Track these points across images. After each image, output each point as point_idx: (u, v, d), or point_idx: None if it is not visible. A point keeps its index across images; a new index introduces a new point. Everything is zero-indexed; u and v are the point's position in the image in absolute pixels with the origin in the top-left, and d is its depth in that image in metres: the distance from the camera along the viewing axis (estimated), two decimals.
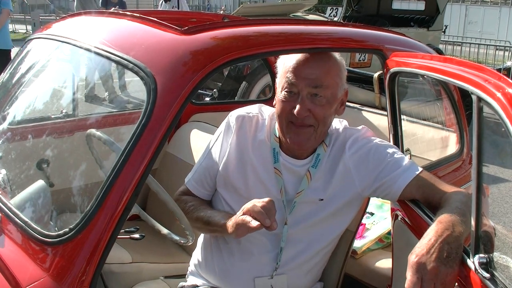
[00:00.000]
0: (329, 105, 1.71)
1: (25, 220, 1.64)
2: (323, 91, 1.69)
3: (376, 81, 3.67)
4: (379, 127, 3.25)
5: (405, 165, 1.73)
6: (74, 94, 2.77)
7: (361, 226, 2.45)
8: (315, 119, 1.70)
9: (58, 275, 1.44)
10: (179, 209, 1.76)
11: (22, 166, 2.20)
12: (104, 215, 1.45)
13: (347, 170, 1.77)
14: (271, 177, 1.78)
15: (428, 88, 2.80)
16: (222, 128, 1.87)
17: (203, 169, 1.88)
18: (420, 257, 1.30)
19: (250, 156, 1.80)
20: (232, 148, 1.81)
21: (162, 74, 1.57)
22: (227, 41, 1.74)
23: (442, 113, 2.79)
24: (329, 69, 1.73)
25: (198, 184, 1.89)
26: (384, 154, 1.76)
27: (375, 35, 2.31)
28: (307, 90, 1.68)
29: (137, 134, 1.50)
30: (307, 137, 1.72)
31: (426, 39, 9.32)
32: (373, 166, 1.75)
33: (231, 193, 1.82)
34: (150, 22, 1.87)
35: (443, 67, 1.73)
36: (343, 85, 1.78)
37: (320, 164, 1.79)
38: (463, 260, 1.35)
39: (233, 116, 1.85)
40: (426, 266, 1.29)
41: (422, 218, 1.66)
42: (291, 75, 1.70)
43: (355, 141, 1.80)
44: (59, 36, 2.17)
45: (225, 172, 1.81)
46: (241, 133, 1.82)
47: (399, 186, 1.71)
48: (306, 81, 1.68)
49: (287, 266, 1.81)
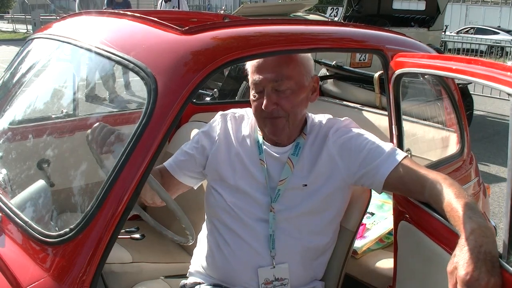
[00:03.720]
0: (294, 95, 1.82)
1: (25, 220, 1.64)
2: (285, 83, 1.80)
3: (377, 81, 3.67)
4: (379, 127, 3.25)
5: (388, 152, 1.79)
6: (74, 94, 2.78)
7: (361, 226, 2.45)
8: (284, 110, 1.81)
9: (59, 275, 1.44)
10: (180, 209, 1.76)
11: (22, 166, 2.20)
12: (104, 215, 1.45)
13: (330, 156, 1.86)
14: (257, 167, 1.89)
15: (429, 88, 2.80)
16: (208, 125, 2.03)
17: (183, 152, 2.01)
18: (472, 273, 1.27)
19: (237, 149, 1.93)
20: (219, 142, 1.95)
21: (163, 74, 1.57)
22: (228, 41, 1.74)
23: (443, 113, 2.79)
24: (288, 61, 1.83)
25: (175, 162, 2.01)
26: (366, 141, 1.85)
27: (375, 35, 2.31)
28: (270, 85, 1.80)
29: (137, 134, 1.50)
30: (281, 127, 1.84)
31: (427, 39, 9.32)
32: (356, 153, 1.83)
33: (220, 183, 1.92)
34: (150, 22, 1.87)
35: (469, 68, 1.72)
36: (309, 72, 1.88)
37: (301, 152, 1.88)
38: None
39: (219, 114, 2.05)
40: (480, 282, 1.26)
41: (433, 217, 1.65)
42: (255, 75, 1.83)
43: (338, 129, 1.90)
44: (59, 36, 2.17)
45: (214, 164, 1.93)
46: (225, 128, 1.98)
47: (383, 173, 1.76)
48: (268, 76, 1.80)
49: (286, 256, 1.85)
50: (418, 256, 1.79)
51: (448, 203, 1.52)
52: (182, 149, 2.03)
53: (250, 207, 1.86)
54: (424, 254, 1.73)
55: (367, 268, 2.51)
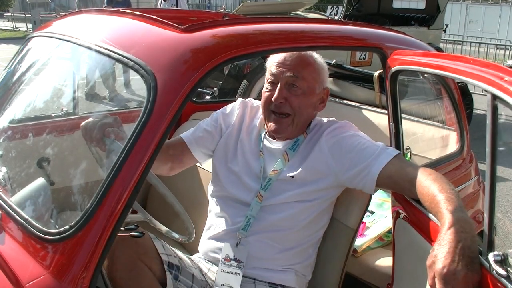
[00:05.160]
0: (304, 96, 1.93)
1: (25, 218, 1.64)
2: (299, 82, 1.91)
3: (377, 79, 3.67)
4: (379, 126, 3.25)
5: (378, 152, 1.83)
6: (74, 93, 2.77)
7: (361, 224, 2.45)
8: (291, 107, 1.92)
9: (59, 272, 1.44)
10: (179, 203, 1.77)
11: (22, 164, 2.20)
12: (104, 213, 1.45)
13: (322, 153, 1.93)
14: (255, 158, 2.01)
15: (428, 87, 2.80)
16: (229, 108, 2.17)
17: (202, 129, 2.15)
18: (449, 267, 1.28)
19: (244, 137, 2.07)
20: (233, 127, 2.10)
21: (162, 72, 1.57)
22: (227, 39, 1.74)
23: (443, 112, 2.79)
24: (308, 64, 1.95)
25: (193, 136, 2.14)
26: (357, 142, 1.90)
27: (375, 33, 2.31)
28: (285, 79, 1.91)
29: (137, 132, 1.50)
30: (285, 126, 1.94)
31: (427, 38, 9.31)
32: (346, 152, 1.88)
33: (222, 163, 2.07)
34: (150, 20, 1.87)
35: (453, 65, 1.73)
36: (322, 82, 2.00)
37: (298, 148, 1.97)
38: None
39: (240, 100, 2.19)
40: (456, 275, 1.27)
41: (426, 215, 1.66)
42: (273, 67, 1.94)
43: (334, 129, 1.98)
44: (59, 34, 2.17)
45: (224, 145, 2.08)
46: (242, 115, 2.12)
47: (373, 173, 1.80)
48: (286, 68, 1.91)
49: (254, 242, 1.92)
50: (414, 254, 1.79)
51: (432, 198, 1.54)
52: (200, 126, 2.17)
53: (237, 190, 1.99)
54: (418, 252, 1.73)
55: (367, 266, 2.51)
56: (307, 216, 1.93)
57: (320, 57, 2.03)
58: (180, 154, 2.12)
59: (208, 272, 2.00)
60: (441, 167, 2.35)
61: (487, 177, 1.37)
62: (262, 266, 1.93)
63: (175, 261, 1.86)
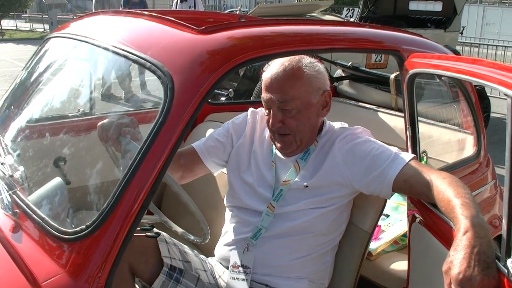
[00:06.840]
0: (300, 114, 1.88)
1: (42, 217, 1.65)
2: (290, 103, 1.86)
3: (393, 82, 3.64)
4: (395, 129, 3.24)
5: (393, 157, 1.81)
6: (91, 93, 2.79)
7: (376, 228, 2.44)
8: (289, 129, 1.89)
9: (75, 271, 1.45)
10: (193, 203, 1.78)
11: (39, 163, 2.22)
12: (120, 213, 1.45)
13: (335, 162, 1.90)
14: (268, 168, 2.01)
15: (445, 89, 2.78)
16: (240, 118, 2.16)
17: (214, 138, 2.14)
18: (464, 273, 1.26)
19: (256, 148, 2.06)
20: (245, 137, 2.09)
21: (179, 74, 1.58)
22: (244, 41, 1.74)
23: (459, 115, 2.76)
24: (296, 79, 1.86)
25: (205, 146, 2.13)
26: (371, 148, 1.86)
27: (392, 35, 2.30)
28: (276, 104, 1.87)
29: (154, 133, 1.51)
30: (289, 144, 1.93)
31: (443, 40, 9.24)
32: (360, 159, 1.85)
33: (236, 174, 2.07)
34: (167, 21, 1.88)
35: (472, 68, 1.71)
36: (317, 90, 1.91)
37: (309, 157, 1.95)
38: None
39: (250, 110, 2.17)
40: (472, 281, 1.25)
41: (443, 220, 1.64)
42: (263, 93, 1.91)
43: (346, 136, 1.94)
44: (77, 35, 2.19)
45: (236, 155, 2.08)
46: (253, 125, 2.11)
47: (389, 179, 1.78)
48: (273, 96, 1.86)
49: (264, 249, 1.92)
50: (430, 259, 1.78)
51: (447, 203, 1.52)
52: (212, 136, 2.15)
53: (251, 200, 1.98)
54: (435, 257, 1.72)
55: (381, 270, 2.50)
56: (323, 222, 1.91)
57: (312, 61, 1.93)
58: (191, 164, 2.12)
59: (222, 275, 2.00)
60: (458, 171, 2.33)
61: (506, 181, 1.35)
62: (274, 273, 1.91)
63: (179, 265, 1.88)
